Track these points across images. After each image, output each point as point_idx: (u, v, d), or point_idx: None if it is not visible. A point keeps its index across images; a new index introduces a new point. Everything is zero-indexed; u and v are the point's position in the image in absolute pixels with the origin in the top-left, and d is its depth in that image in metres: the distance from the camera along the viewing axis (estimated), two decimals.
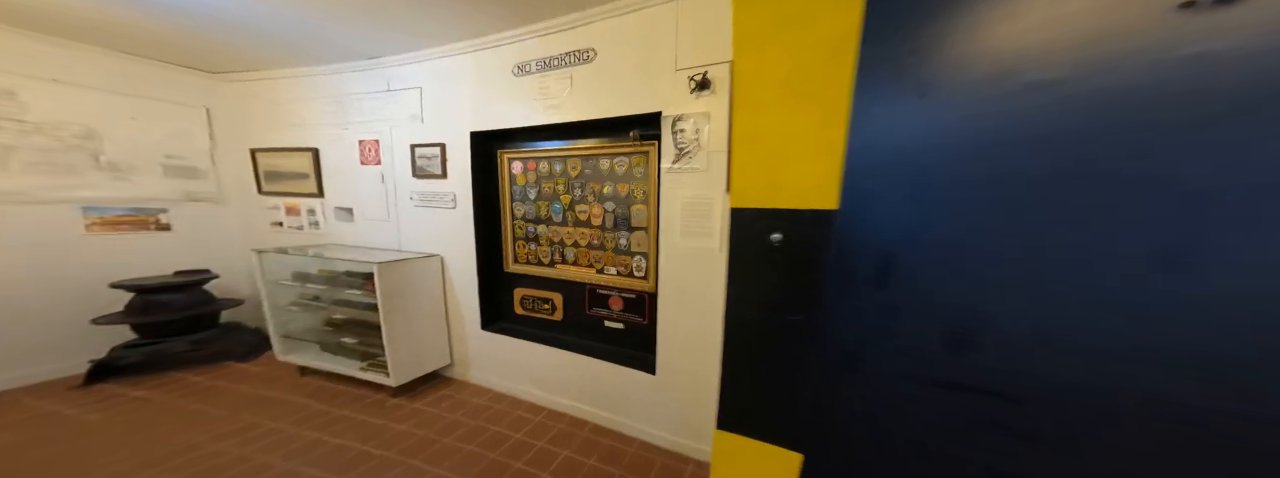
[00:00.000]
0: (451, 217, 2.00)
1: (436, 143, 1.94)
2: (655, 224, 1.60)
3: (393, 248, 2.23)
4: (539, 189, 1.94)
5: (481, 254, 2.00)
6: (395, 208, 2.17)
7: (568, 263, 1.94)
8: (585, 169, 1.79)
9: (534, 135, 1.87)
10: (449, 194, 1.97)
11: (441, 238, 2.06)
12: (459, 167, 1.91)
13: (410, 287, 1.95)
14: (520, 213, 2.02)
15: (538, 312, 2.11)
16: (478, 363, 2.14)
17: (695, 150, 1.30)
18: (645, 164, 1.63)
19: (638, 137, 1.54)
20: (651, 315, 1.76)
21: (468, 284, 2.04)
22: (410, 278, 1.95)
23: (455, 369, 2.22)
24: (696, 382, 1.47)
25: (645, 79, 1.37)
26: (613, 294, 1.85)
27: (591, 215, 1.82)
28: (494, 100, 1.75)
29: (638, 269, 1.76)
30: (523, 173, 1.97)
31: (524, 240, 2.05)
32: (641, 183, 1.66)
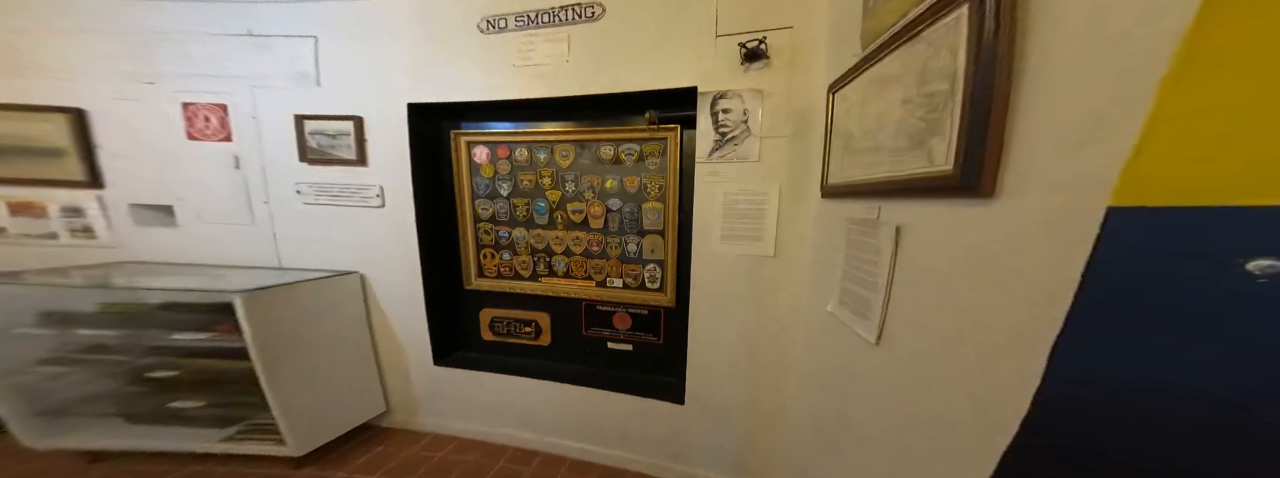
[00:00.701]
0: (377, 219, 1.48)
1: (345, 116, 1.40)
2: (675, 226, 1.35)
3: (267, 265, 1.59)
4: (515, 183, 1.53)
5: (429, 268, 1.54)
6: (265, 207, 1.53)
7: (557, 275, 1.58)
8: (581, 158, 1.45)
9: (506, 113, 1.46)
10: (371, 188, 1.45)
11: (361, 248, 1.53)
12: (389, 151, 1.41)
13: (308, 319, 1.38)
14: (487, 213, 1.58)
15: (516, 336, 1.71)
16: (431, 406, 1.67)
17: (742, 136, 1.07)
18: (662, 153, 1.35)
19: (655, 119, 1.25)
20: (668, 333, 1.52)
21: (409, 309, 1.56)
22: (307, 307, 1.38)
23: (395, 417, 1.71)
24: (747, 414, 1.25)
25: (673, 46, 1.09)
26: (618, 311, 1.56)
27: (589, 216, 1.49)
28: (447, 63, 1.30)
29: (651, 280, 1.49)
30: (490, 161, 1.54)
31: (493, 249, 1.62)
32: (657, 176, 1.38)
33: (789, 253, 1.10)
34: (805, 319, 1.02)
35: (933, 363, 0.49)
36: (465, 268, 1.65)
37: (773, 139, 1.04)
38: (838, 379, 0.77)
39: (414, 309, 1.58)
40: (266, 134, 1.47)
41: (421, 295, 1.56)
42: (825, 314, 0.84)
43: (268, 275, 1.46)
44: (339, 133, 1.45)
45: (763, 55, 0.97)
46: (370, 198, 1.49)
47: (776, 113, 1.03)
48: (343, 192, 1.49)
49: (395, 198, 1.46)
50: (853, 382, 0.69)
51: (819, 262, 0.93)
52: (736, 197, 1.10)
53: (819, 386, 0.88)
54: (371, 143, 1.43)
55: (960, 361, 0.44)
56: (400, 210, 1.47)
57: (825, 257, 0.88)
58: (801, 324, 1.06)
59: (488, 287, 1.66)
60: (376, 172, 1.45)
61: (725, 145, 1.08)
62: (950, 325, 0.46)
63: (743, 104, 1.04)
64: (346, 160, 1.46)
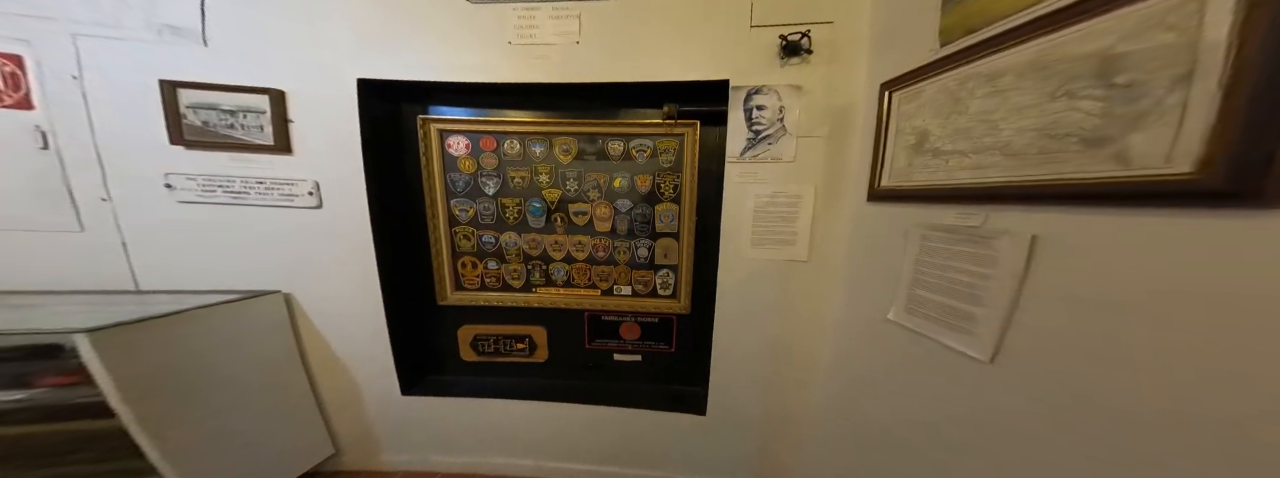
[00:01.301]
0: (309, 223, 1.18)
1: (256, 88, 1.08)
2: (691, 228, 1.26)
3: (116, 288, 1.20)
4: (504, 180, 1.32)
5: (391, 283, 1.28)
6: (104, 206, 1.14)
7: (556, 285, 1.42)
8: (585, 153, 1.29)
9: (486, 99, 1.25)
10: (299, 184, 1.15)
11: (286, 261, 1.21)
12: (327, 137, 1.12)
13: (203, 357, 1.04)
14: (467, 216, 1.36)
15: (507, 354, 1.51)
16: (400, 440, 1.41)
17: (777, 135, 1.01)
18: (679, 149, 1.26)
19: (675, 113, 1.15)
20: (682, 341, 1.44)
21: (363, 332, 1.29)
22: (201, 342, 1.03)
23: (347, 458, 1.42)
24: (774, 421, 1.21)
25: (702, 34, 0.99)
26: (626, 320, 1.44)
27: (595, 218, 1.34)
28: (417, 33, 1.06)
29: (663, 286, 1.39)
30: (471, 155, 1.31)
31: (474, 257, 1.40)
32: (671, 174, 1.28)
33: (823, 258, 1.07)
34: (844, 326, 1.00)
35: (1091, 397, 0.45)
36: (439, 280, 1.40)
37: (809, 139, 1.00)
38: (902, 388, 0.75)
39: (370, 333, 1.30)
40: (102, 103, 1.06)
41: (381, 316, 1.29)
42: (875, 321, 0.82)
43: (122, 304, 1.07)
44: (243, 109, 1.10)
45: (802, 50, 0.92)
46: (298, 196, 1.17)
47: (813, 111, 0.99)
48: (252, 187, 1.15)
49: (338, 196, 1.17)
50: (933, 393, 0.67)
51: (864, 266, 0.91)
52: (769, 199, 1.05)
53: (872, 394, 0.87)
54: (300, 125, 1.11)
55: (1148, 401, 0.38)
56: (347, 212, 1.18)
57: (873, 261, 0.86)
58: (836, 331, 1.05)
59: (468, 301, 1.43)
60: (307, 162, 1.14)
61: (758, 144, 1.02)
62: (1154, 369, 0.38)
63: (779, 101, 0.99)
64: (256, 146, 1.12)
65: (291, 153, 1.15)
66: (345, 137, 1.13)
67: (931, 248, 0.66)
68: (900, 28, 0.78)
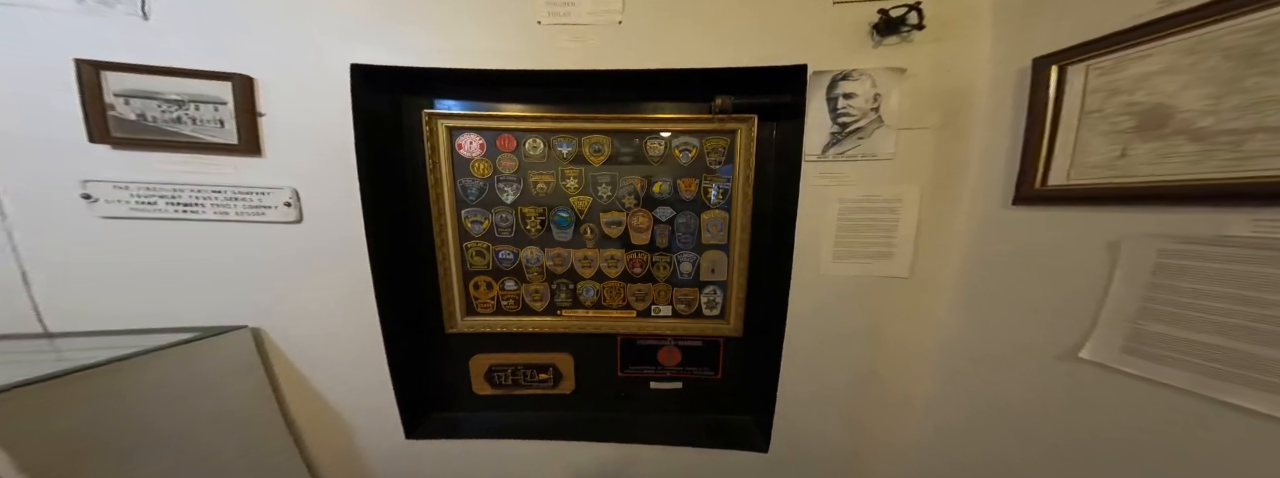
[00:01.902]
0: (285, 240, 0.93)
1: (214, 73, 0.82)
2: (745, 239, 1.05)
3: (13, 331, 0.90)
4: (524, 186, 1.09)
5: (391, 309, 1.03)
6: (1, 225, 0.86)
7: (584, 307, 1.19)
8: (620, 153, 1.08)
9: (508, 91, 1.02)
10: (272, 193, 0.90)
11: (254, 287, 0.95)
12: (309, 135, 0.88)
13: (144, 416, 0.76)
14: (480, 228, 1.12)
15: (527, 386, 1.27)
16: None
17: (871, 128, 0.81)
18: (729, 147, 1.07)
19: (728, 105, 0.96)
20: (730, 367, 1.23)
21: (356, 369, 1.03)
22: (136, 399, 0.76)
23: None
24: (855, 460, 1.01)
25: (770, 12, 0.80)
26: (665, 344, 1.22)
27: (631, 228, 1.13)
28: (421, 9, 0.83)
29: (709, 306, 1.18)
30: (486, 156, 1.08)
31: (489, 277, 1.16)
32: (720, 178, 1.09)
33: (929, 273, 0.88)
34: (962, 355, 0.82)
35: None
36: (447, 304, 1.16)
37: (912, 131, 0.81)
38: (1082, 445, 0.57)
39: (365, 369, 1.04)
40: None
41: (380, 348, 1.03)
42: (1035, 355, 0.63)
43: (20, 354, 0.80)
44: (195, 99, 0.83)
45: (906, 27, 0.72)
46: (271, 207, 0.91)
47: (918, 97, 0.80)
48: (207, 197, 0.89)
49: (323, 207, 0.92)
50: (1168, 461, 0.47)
51: (1002, 285, 0.73)
52: (858, 203, 0.85)
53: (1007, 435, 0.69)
54: (273, 120, 0.86)
55: None
56: (335, 226, 0.93)
57: (1025, 280, 0.68)
58: (947, 360, 0.86)
59: (482, 327, 1.19)
60: (283, 166, 0.89)
61: (845, 139, 0.82)
62: None
63: (873, 87, 0.79)
64: (213, 145, 0.86)
65: (261, 154, 0.89)
66: (333, 134, 0.88)
67: (1186, 269, 0.47)
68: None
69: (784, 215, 0.98)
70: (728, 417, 1.26)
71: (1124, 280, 0.52)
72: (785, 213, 0.97)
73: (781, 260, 0.99)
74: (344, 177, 0.92)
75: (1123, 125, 0.52)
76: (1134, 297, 0.51)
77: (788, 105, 0.93)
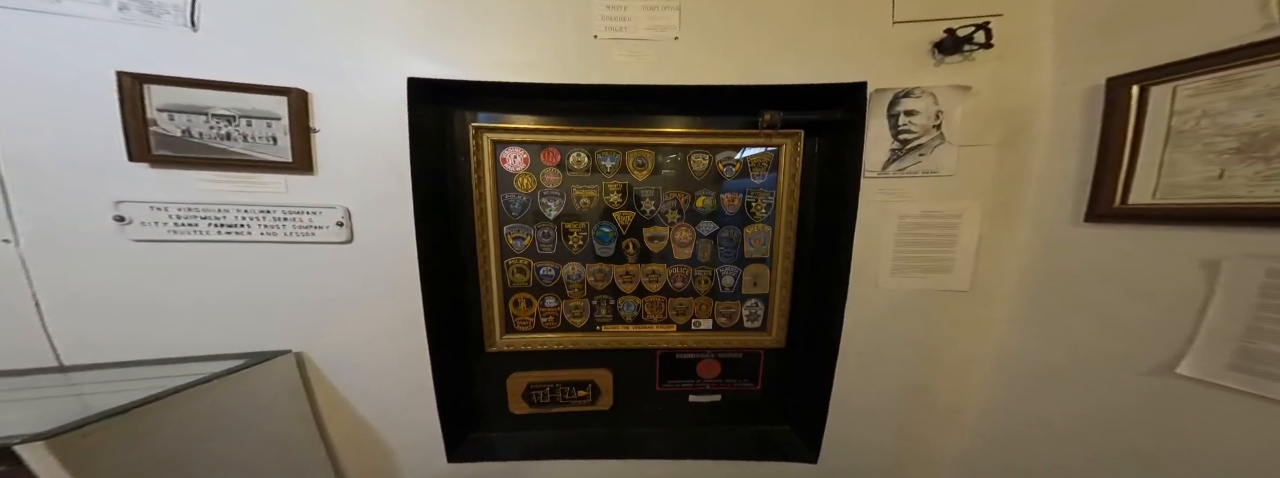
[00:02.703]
0: (335, 262, 0.86)
1: (270, 87, 0.75)
2: (789, 253, 1.02)
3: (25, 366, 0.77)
4: (567, 201, 1.04)
5: (439, 332, 0.96)
6: (8, 249, 0.74)
7: (625, 322, 1.14)
8: (662, 167, 1.05)
9: (552, 104, 0.97)
10: (324, 212, 0.82)
11: (300, 311, 0.87)
12: (363, 150, 0.82)
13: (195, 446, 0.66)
14: (522, 245, 1.06)
15: (565, 404, 1.20)
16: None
17: (932, 145, 0.79)
18: (773, 161, 1.04)
19: (777, 120, 0.94)
20: (769, 378, 1.19)
21: (402, 391, 0.95)
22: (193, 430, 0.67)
23: None
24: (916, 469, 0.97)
25: (828, 31, 0.78)
26: (704, 357, 1.18)
27: (673, 243, 1.09)
28: (476, 22, 0.78)
29: (750, 318, 1.14)
30: (530, 170, 1.02)
31: (529, 294, 1.09)
32: (764, 192, 1.06)
33: (989, 288, 0.85)
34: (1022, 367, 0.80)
35: None
36: (487, 324, 1.08)
37: (974, 148, 0.79)
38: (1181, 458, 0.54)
39: (407, 390, 0.96)
40: (16, 102, 0.69)
41: (425, 369, 0.95)
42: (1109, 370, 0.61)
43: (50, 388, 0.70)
44: (247, 114, 0.77)
45: (970, 46, 0.71)
46: (322, 228, 0.83)
47: (980, 115, 0.78)
48: (255, 218, 0.81)
49: (374, 225, 0.85)
50: None
51: (1072, 301, 0.71)
52: (919, 219, 0.82)
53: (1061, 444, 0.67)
54: (327, 136, 0.80)
55: None
56: (385, 245, 0.86)
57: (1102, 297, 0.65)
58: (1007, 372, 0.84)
59: (520, 345, 1.12)
60: (335, 184, 0.82)
61: (906, 155, 0.80)
62: None
63: (935, 105, 0.77)
64: (265, 163, 0.79)
65: (313, 172, 0.81)
66: (387, 150, 0.81)
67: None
68: (1151, 8, 0.58)
69: (830, 228, 0.95)
70: (767, 427, 1.21)
71: (1226, 299, 0.50)
72: (832, 226, 0.94)
73: (829, 273, 0.96)
74: (397, 195, 0.84)
75: (1220, 146, 0.51)
76: (1240, 316, 0.49)
77: (837, 121, 0.92)
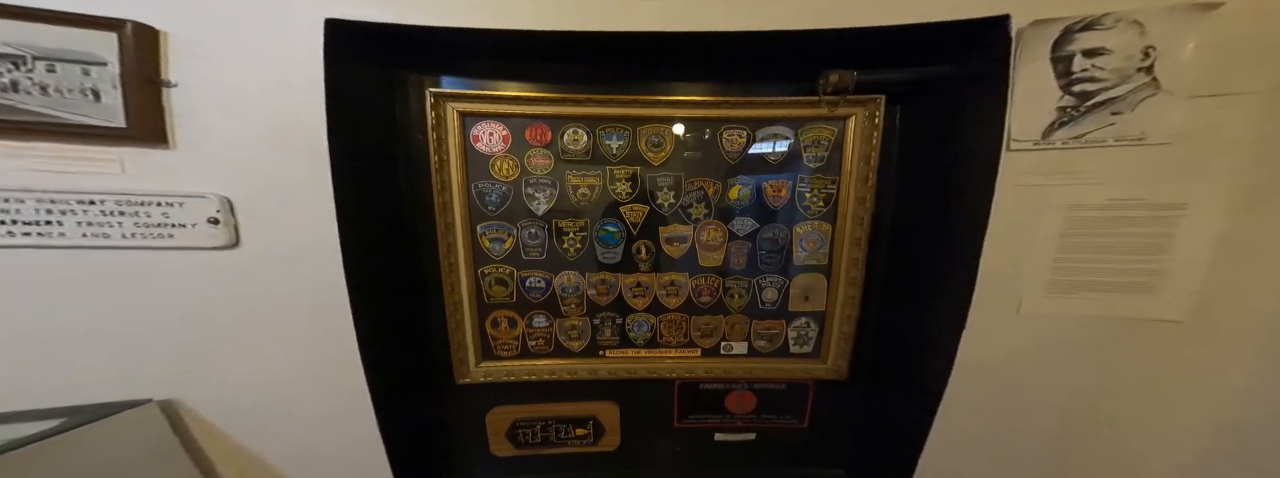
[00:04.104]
0: (213, 275, 0.55)
1: (93, 19, 0.42)
2: (858, 259, 0.71)
3: None
4: (559, 191, 0.72)
5: (382, 362, 0.65)
6: None
7: (635, 345, 0.83)
8: (684, 148, 0.72)
9: (539, 67, 0.65)
10: (191, 205, 0.50)
11: (168, 345, 0.56)
12: (251, 120, 0.50)
13: None
14: (501, 249, 0.75)
15: (560, 444, 0.89)
16: None
17: (1136, 97, 0.46)
18: (836, 139, 0.72)
19: (847, 83, 0.61)
20: (819, 415, 0.87)
21: (331, 441, 0.65)
22: None
23: None
24: None
25: None
26: (736, 388, 0.87)
27: (699, 245, 0.77)
28: None
29: (799, 342, 0.83)
30: (510, 152, 0.70)
31: (513, 311, 0.78)
32: (822, 179, 0.75)
33: (1220, 319, 0.51)
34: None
35: None
36: (456, 348, 0.77)
37: (1217, 100, 0.45)
38: None
39: (352, 440, 0.66)
40: None
41: (367, 413, 0.64)
42: None
43: None
44: (49, 55, 0.44)
45: None
46: (185, 227, 0.52)
47: (1233, 47, 0.44)
48: (69, 209, 0.49)
49: (272, 225, 0.55)
50: None
51: None
52: (1101, 213, 0.49)
53: None
54: (188, 95, 0.48)
55: None
56: (291, 252, 0.56)
57: None
58: (1227, 443, 0.51)
59: (502, 374, 0.81)
60: (205, 164, 0.51)
61: (1086, 116, 0.46)
62: None
63: (1141, 36, 0.44)
64: (80, 130, 0.46)
65: (168, 145, 0.50)
66: (295, 120, 0.51)
67: None
68: None
69: (930, 227, 0.63)
70: (816, 471, 0.91)
71: None
72: (935, 223, 0.62)
73: (929, 287, 0.65)
74: (311, 182, 0.53)
75: None
76: None
77: (945, 79, 0.58)
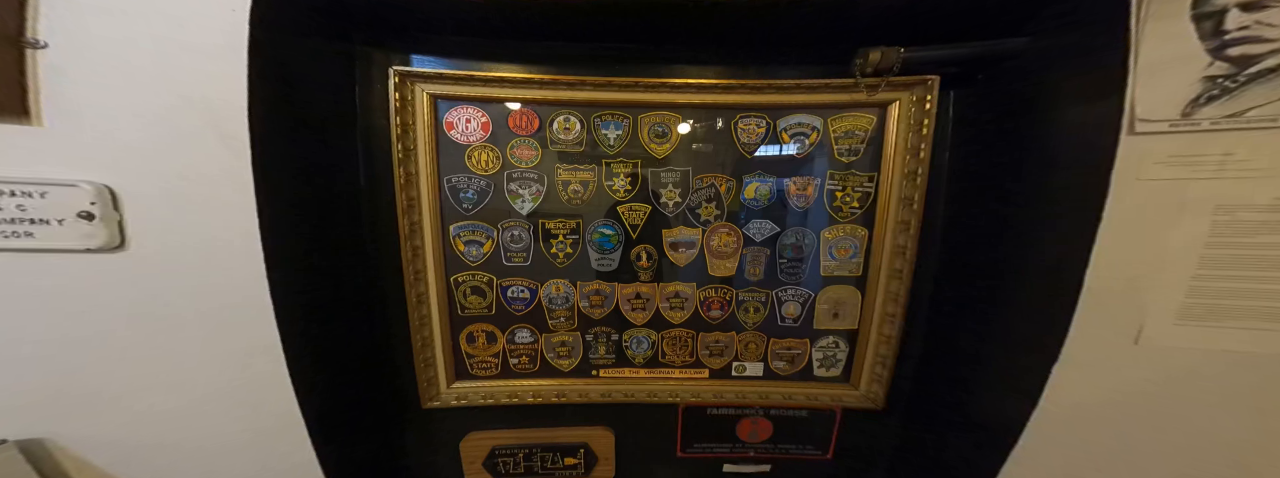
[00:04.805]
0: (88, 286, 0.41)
1: None
2: (904, 270, 0.58)
3: None
4: (547, 187, 0.59)
5: (323, 387, 0.52)
6: None
7: (633, 364, 0.68)
8: (693, 139, 0.59)
9: (523, 47, 0.52)
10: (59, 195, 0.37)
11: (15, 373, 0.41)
12: (149, 96, 0.37)
13: None
14: (477, 252, 0.62)
15: (543, 474, 0.74)
16: None
17: None
18: (874, 130, 0.58)
19: (891, 63, 0.46)
20: (845, 445, 0.73)
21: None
22: None
23: None
24: None
25: None
26: (749, 415, 0.73)
27: (709, 251, 0.62)
28: None
29: (826, 363, 0.70)
30: (490, 142, 0.57)
31: (492, 324, 0.64)
32: (858, 177, 0.61)
33: None
34: None
35: None
36: (422, 368, 0.63)
37: None
38: None
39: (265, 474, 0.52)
40: None
41: (304, 448, 0.50)
42: None
43: None
44: None
45: None
46: (50, 223, 0.38)
47: None
48: None
49: (171, 223, 0.40)
50: None
51: None
52: (1263, 216, 0.36)
53: None
54: (57, 57, 0.35)
55: None
56: (198, 256, 0.41)
57: None
58: None
59: (480, 397, 0.66)
60: (82, 145, 0.37)
61: (1243, 89, 0.33)
62: None
63: None
64: None
65: (30, 119, 0.37)
66: (202, 94, 0.38)
67: None
68: None
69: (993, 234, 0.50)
70: None
71: None
72: (1001, 230, 0.49)
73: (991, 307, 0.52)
74: (225, 170, 0.40)
75: None
76: None
77: (1011, 57, 0.46)
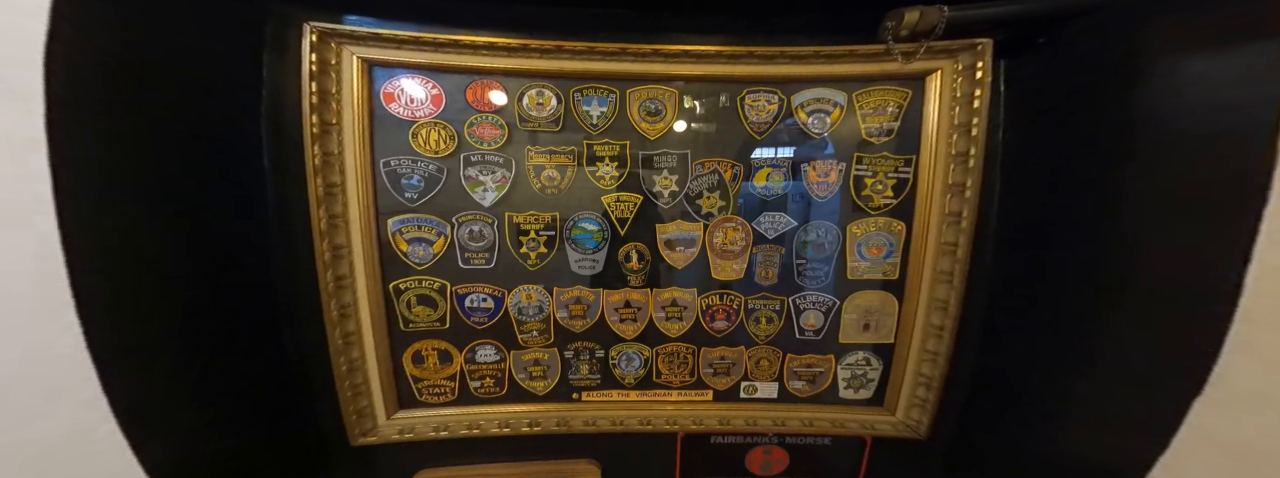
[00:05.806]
0: None
1: None
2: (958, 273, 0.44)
3: None
4: (515, 174, 0.45)
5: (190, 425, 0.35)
6: None
7: (623, 385, 0.54)
8: (693, 117, 0.47)
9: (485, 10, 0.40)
10: None
11: None
12: None
13: None
14: (424, 252, 0.47)
15: None
16: None
17: None
18: (906, 106, 0.46)
19: (933, 26, 0.33)
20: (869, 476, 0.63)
21: None
22: None
23: None
24: None
25: None
26: (761, 443, 0.59)
27: (711, 251, 0.50)
28: None
29: (853, 384, 0.56)
30: (441, 117, 0.43)
31: (444, 340, 0.49)
32: (890, 161, 0.48)
33: None
34: None
35: None
36: (351, 396, 0.47)
37: None
38: None
39: None
40: None
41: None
42: None
43: None
44: None
45: None
46: None
47: None
48: None
49: None
50: None
51: None
52: None
53: None
54: None
55: None
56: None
57: None
58: None
59: (431, 428, 0.50)
60: None
61: None
62: None
63: None
64: None
65: None
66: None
67: None
68: None
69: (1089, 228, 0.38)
70: None
71: None
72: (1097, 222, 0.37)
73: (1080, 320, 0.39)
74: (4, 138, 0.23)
75: None
76: None
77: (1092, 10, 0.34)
